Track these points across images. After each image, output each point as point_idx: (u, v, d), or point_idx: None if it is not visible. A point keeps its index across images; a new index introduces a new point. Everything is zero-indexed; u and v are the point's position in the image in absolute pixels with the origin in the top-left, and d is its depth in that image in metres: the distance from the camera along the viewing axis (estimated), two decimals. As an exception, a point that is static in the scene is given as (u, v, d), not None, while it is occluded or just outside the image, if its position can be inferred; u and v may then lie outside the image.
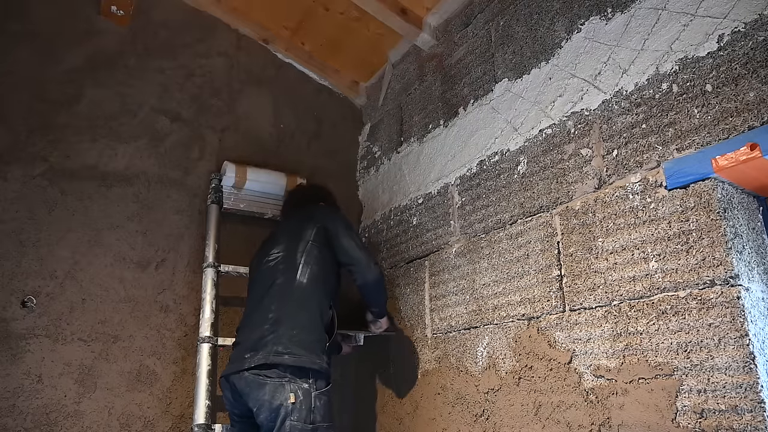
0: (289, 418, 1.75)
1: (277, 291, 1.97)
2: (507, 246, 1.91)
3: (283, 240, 2.11)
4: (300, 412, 1.77)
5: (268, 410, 1.78)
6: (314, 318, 1.97)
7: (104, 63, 2.49)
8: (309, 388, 1.82)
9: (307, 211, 2.22)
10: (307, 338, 1.91)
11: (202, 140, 2.64)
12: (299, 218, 2.18)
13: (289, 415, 1.76)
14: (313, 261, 2.03)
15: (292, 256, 2.03)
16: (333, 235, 2.10)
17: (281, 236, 2.15)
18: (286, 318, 1.92)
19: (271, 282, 2.00)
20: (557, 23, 1.89)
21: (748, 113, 1.28)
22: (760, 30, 1.29)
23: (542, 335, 1.71)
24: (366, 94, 3.14)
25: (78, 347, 2.15)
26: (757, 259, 1.33)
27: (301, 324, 1.92)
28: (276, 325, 1.90)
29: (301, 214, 2.22)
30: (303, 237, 2.07)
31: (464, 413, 1.97)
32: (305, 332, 1.91)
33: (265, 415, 1.79)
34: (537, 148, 1.87)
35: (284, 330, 1.89)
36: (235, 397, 1.91)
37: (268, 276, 2.03)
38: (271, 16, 2.82)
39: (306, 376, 1.84)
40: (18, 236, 2.15)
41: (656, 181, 1.46)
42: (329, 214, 2.21)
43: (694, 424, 1.27)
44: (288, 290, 1.96)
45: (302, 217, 2.18)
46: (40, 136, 2.28)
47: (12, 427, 1.97)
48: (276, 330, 1.89)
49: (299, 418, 1.76)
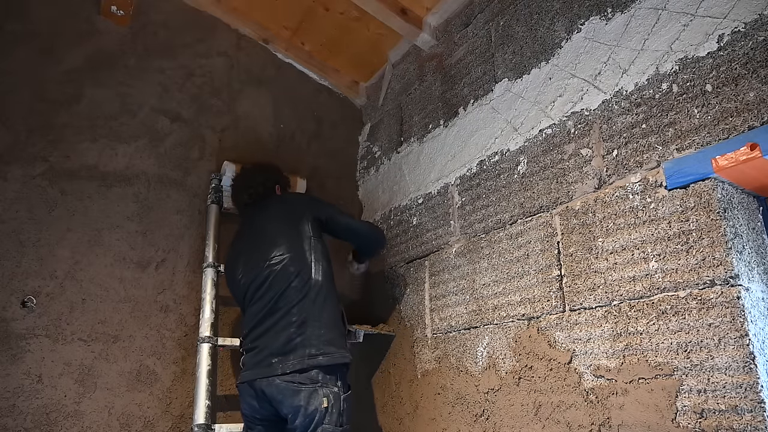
0: (323, 422, 1.81)
1: (294, 293, 1.96)
2: (507, 246, 1.91)
3: (282, 240, 2.06)
4: (332, 416, 1.82)
5: (304, 416, 1.82)
6: (335, 314, 2.01)
7: (104, 63, 2.49)
8: (339, 391, 1.87)
9: (288, 204, 2.20)
10: (333, 335, 1.95)
11: (202, 140, 2.64)
12: (283, 212, 2.15)
13: (324, 419, 1.81)
14: (321, 257, 2.05)
15: (300, 255, 2.02)
16: (329, 220, 2.16)
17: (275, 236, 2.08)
18: (312, 319, 1.93)
19: (286, 285, 1.97)
20: (557, 23, 1.89)
21: (748, 113, 1.29)
22: (760, 30, 1.29)
23: (542, 335, 1.71)
24: (366, 94, 3.14)
25: (78, 347, 2.15)
26: (757, 259, 1.33)
27: (326, 323, 1.95)
28: (302, 327, 1.91)
29: (279, 207, 2.18)
30: (303, 233, 2.06)
31: (464, 413, 1.97)
32: (331, 330, 1.95)
33: (301, 420, 1.83)
34: (537, 148, 1.87)
35: (312, 330, 1.91)
36: (261, 403, 1.92)
37: (280, 279, 1.98)
38: (271, 16, 2.82)
39: (335, 376, 1.88)
40: (18, 236, 2.15)
41: (656, 181, 1.46)
42: (313, 202, 2.23)
43: (694, 424, 1.27)
44: (306, 290, 1.96)
45: (286, 211, 2.15)
46: (40, 136, 2.28)
47: (12, 427, 1.97)
48: (303, 332, 1.90)
49: (331, 422, 1.82)
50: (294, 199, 2.27)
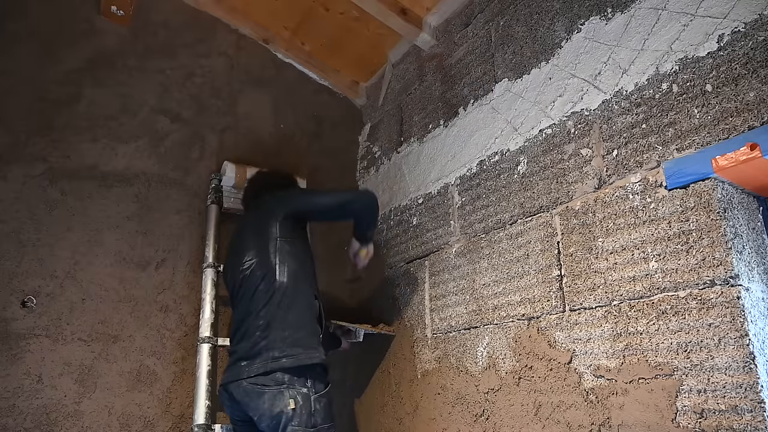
0: (290, 424, 1.77)
1: (261, 296, 1.95)
2: (507, 246, 1.91)
3: (251, 244, 2.05)
4: (300, 417, 1.78)
5: (269, 418, 1.79)
6: (303, 314, 1.97)
7: (104, 63, 2.49)
8: (308, 392, 1.83)
9: (265, 205, 2.16)
10: (300, 336, 1.91)
11: (202, 140, 2.64)
12: (259, 213, 2.13)
13: (290, 421, 1.77)
14: (288, 257, 2.00)
15: (265, 258, 1.99)
16: (304, 209, 2.12)
17: (247, 239, 2.09)
18: (276, 321, 1.91)
19: (254, 289, 1.97)
20: (557, 23, 1.89)
21: (748, 113, 1.28)
22: (760, 30, 1.29)
23: (542, 335, 1.71)
24: (366, 94, 3.14)
25: (78, 347, 2.15)
26: (757, 259, 1.33)
27: (291, 324, 1.92)
28: (267, 330, 1.90)
29: (260, 207, 2.17)
30: (270, 235, 2.02)
31: (464, 413, 1.97)
32: (297, 331, 1.92)
33: (266, 423, 1.80)
34: (537, 148, 1.87)
35: (276, 333, 1.89)
36: (233, 405, 1.92)
37: (250, 284, 1.99)
38: (271, 16, 2.82)
39: (304, 378, 1.85)
40: (18, 236, 2.15)
41: (656, 181, 1.46)
42: (285, 198, 2.15)
43: (694, 424, 1.27)
44: (271, 293, 1.94)
45: (261, 213, 2.12)
46: (40, 136, 2.28)
47: (12, 427, 1.97)
48: (267, 335, 1.89)
49: (300, 423, 1.78)
50: (269, 200, 2.18)
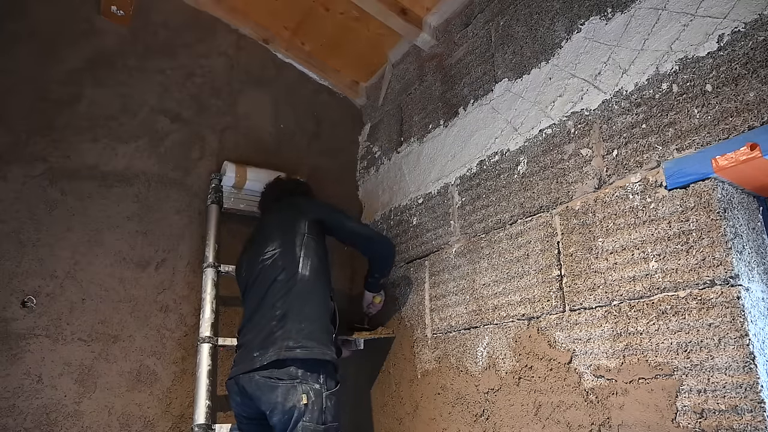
0: (302, 419, 1.76)
1: (279, 287, 1.95)
2: (507, 246, 1.91)
3: (276, 236, 2.06)
4: (312, 413, 1.78)
5: (281, 412, 1.78)
6: (320, 310, 1.97)
7: (104, 63, 2.49)
8: (320, 388, 1.82)
9: (293, 205, 2.18)
10: (316, 330, 1.91)
11: (202, 140, 2.64)
12: (286, 212, 2.15)
13: (303, 416, 1.77)
14: (313, 253, 2.02)
15: (290, 250, 2.00)
16: (334, 224, 2.14)
17: (272, 232, 2.10)
18: (293, 312, 1.90)
19: (273, 279, 1.97)
20: (557, 23, 1.89)
21: (748, 113, 1.28)
22: (760, 30, 1.29)
23: (542, 335, 1.71)
24: (366, 94, 3.14)
25: (78, 347, 2.15)
26: (757, 259, 1.33)
27: (308, 317, 1.91)
28: (283, 320, 1.88)
29: (286, 208, 2.18)
30: (297, 230, 2.04)
31: (464, 413, 1.97)
32: (313, 324, 1.91)
33: (279, 417, 1.79)
34: (537, 148, 1.87)
35: (292, 324, 1.87)
36: (244, 399, 1.90)
37: (268, 274, 1.99)
38: (271, 16, 2.82)
39: (317, 373, 1.84)
40: (18, 236, 2.15)
41: (656, 181, 1.46)
42: (320, 205, 2.22)
43: (694, 424, 1.27)
44: (291, 284, 1.94)
45: (290, 211, 2.14)
46: (40, 136, 2.28)
47: (12, 427, 1.97)
48: (284, 325, 1.87)
49: (311, 419, 1.77)
50: (300, 200, 2.23)
